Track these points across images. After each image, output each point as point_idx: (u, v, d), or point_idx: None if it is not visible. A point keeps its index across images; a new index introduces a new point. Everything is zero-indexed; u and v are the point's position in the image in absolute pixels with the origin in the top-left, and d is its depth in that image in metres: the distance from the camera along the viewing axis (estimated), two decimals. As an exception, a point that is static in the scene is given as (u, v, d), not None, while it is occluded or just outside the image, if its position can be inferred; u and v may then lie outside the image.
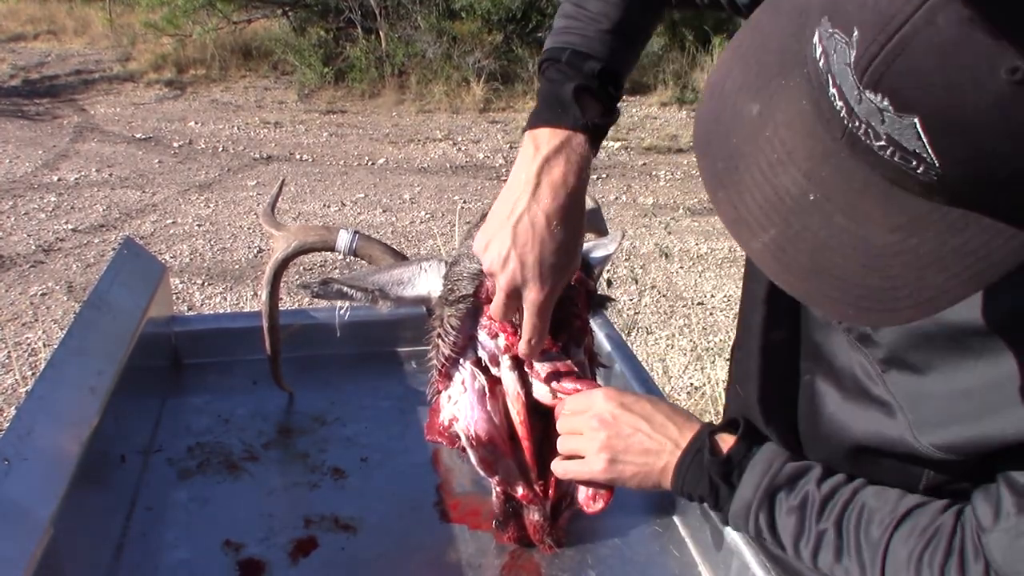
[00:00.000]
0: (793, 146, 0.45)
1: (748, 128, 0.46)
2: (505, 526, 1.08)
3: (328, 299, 1.12)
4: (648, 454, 0.89)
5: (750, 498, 0.83)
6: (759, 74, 0.48)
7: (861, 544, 0.77)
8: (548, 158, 0.86)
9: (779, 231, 0.45)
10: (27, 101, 7.84)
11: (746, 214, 0.46)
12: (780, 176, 0.44)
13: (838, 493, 0.80)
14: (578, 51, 0.90)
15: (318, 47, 8.46)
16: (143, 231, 4.83)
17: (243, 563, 1.04)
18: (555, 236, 0.86)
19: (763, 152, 0.45)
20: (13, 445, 0.89)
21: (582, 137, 0.87)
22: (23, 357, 3.37)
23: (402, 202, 5.55)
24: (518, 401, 1.01)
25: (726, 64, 0.51)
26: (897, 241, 0.43)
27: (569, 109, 0.87)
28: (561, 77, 0.89)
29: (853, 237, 0.43)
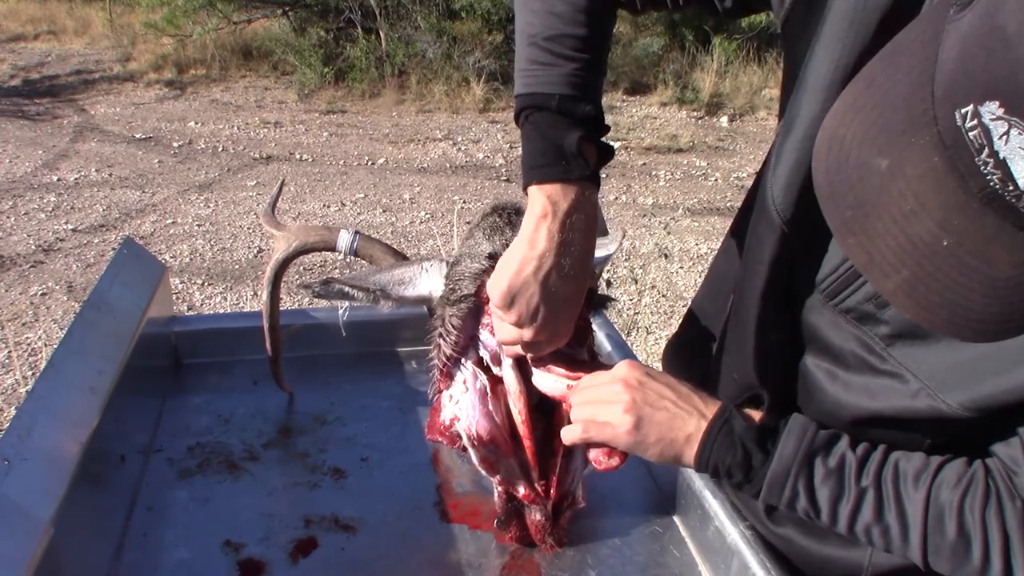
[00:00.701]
0: (925, 198, 0.50)
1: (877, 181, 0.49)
2: (507, 526, 1.08)
3: (329, 299, 1.12)
4: (675, 419, 0.89)
5: (790, 462, 0.84)
6: (883, 129, 0.52)
7: (902, 499, 0.79)
8: (568, 214, 0.89)
9: (912, 272, 0.50)
10: (27, 101, 7.84)
11: (879, 258, 0.51)
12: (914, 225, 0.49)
13: (872, 455, 0.83)
14: (566, 96, 0.90)
15: (318, 47, 8.46)
16: (143, 231, 4.83)
17: (243, 563, 1.04)
18: (579, 287, 0.92)
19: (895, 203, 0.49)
20: (13, 445, 0.89)
21: (592, 187, 0.91)
22: (23, 357, 3.37)
23: (402, 202, 5.55)
24: (520, 399, 1.01)
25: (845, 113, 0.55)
26: (1018, 275, 0.49)
27: (576, 161, 0.89)
28: (556, 126, 0.90)
29: (981, 275, 0.48)
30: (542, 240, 0.89)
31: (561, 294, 0.90)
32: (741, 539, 0.99)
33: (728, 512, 1.03)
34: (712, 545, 1.05)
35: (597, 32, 0.92)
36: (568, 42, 0.91)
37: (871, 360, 0.82)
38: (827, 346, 0.88)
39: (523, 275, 0.89)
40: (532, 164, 0.90)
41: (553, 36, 0.91)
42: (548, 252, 0.89)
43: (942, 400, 0.76)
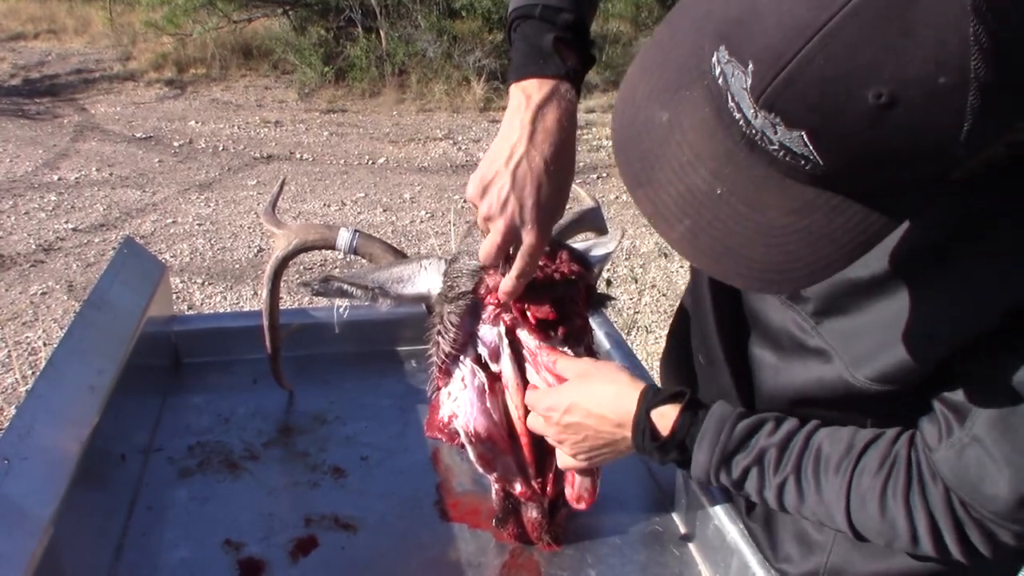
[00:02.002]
0: (700, 149, 0.52)
1: (659, 133, 0.52)
2: (504, 523, 1.08)
3: (328, 297, 1.12)
4: (609, 445, 0.93)
5: (707, 465, 0.85)
6: (664, 85, 0.55)
7: (822, 487, 0.80)
8: (540, 105, 0.90)
9: (693, 222, 0.52)
10: (27, 100, 7.84)
11: (663, 208, 0.53)
12: (690, 175, 0.50)
13: (793, 441, 0.82)
14: (549, 6, 0.94)
15: (318, 46, 8.45)
16: (143, 230, 4.83)
17: (243, 562, 1.04)
18: (552, 179, 0.90)
19: (674, 155, 0.51)
20: (13, 445, 0.89)
21: (568, 84, 0.92)
22: (23, 356, 3.37)
23: (402, 201, 5.55)
24: (518, 395, 1.01)
25: (635, 76, 0.58)
26: (792, 223, 0.51)
27: (552, 59, 0.92)
28: (538, 30, 0.93)
29: (756, 223, 0.50)
30: (515, 130, 0.90)
31: (530, 184, 0.89)
32: (741, 538, 0.99)
33: (728, 511, 1.03)
34: (712, 544, 1.05)
35: None
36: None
37: (802, 338, 0.83)
38: (767, 328, 0.89)
39: (495, 164, 0.90)
40: (513, 66, 0.93)
41: None
42: (520, 141, 0.90)
43: (851, 374, 0.76)
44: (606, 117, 7.52)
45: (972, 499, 0.70)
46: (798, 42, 0.44)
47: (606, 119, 7.46)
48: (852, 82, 0.44)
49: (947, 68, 0.42)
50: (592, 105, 7.84)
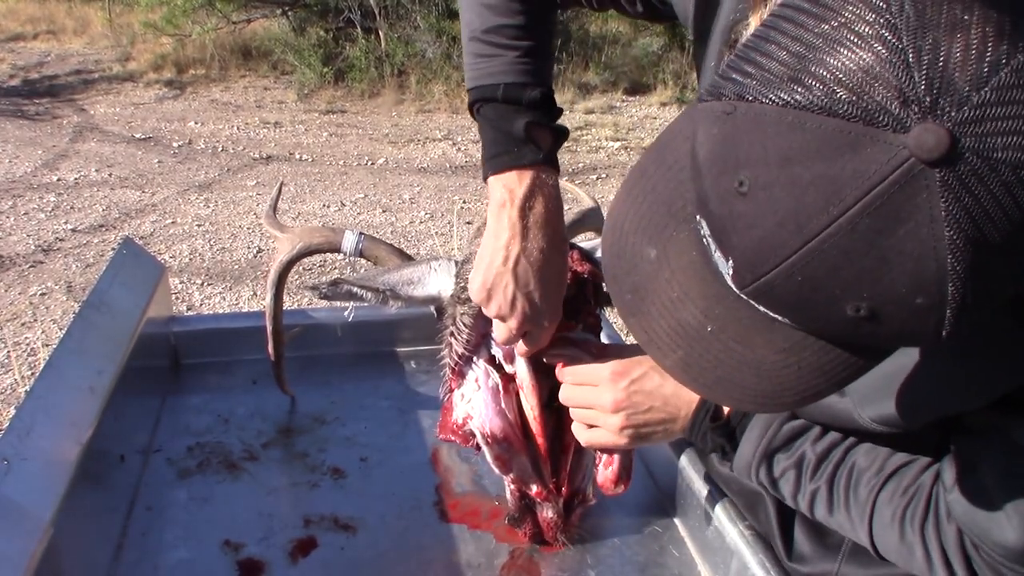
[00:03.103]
0: (689, 288, 0.52)
1: (648, 268, 0.52)
2: (520, 523, 1.08)
3: (338, 300, 1.12)
4: (666, 422, 0.93)
5: (749, 458, 0.88)
6: (651, 221, 0.55)
7: (850, 503, 0.81)
8: (525, 199, 0.91)
9: (685, 352, 0.52)
10: (27, 101, 7.83)
11: (656, 339, 0.54)
12: (681, 311, 0.51)
13: (832, 452, 0.84)
14: (511, 84, 0.92)
15: (318, 47, 8.45)
16: (143, 231, 4.82)
17: (243, 563, 1.04)
18: (552, 268, 0.93)
19: (664, 290, 0.52)
20: (13, 445, 0.89)
21: (547, 169, 0.92)
22: (22, 357, 3.36)
23: (402, 202, 5.55)
24: (533, 395, 1.02)
25: (623, 203, 0.57)
26: (782, 359, 0.51)
27: (526, 147, 0.91)
28: (504, 115, 0.92)
29: (747, 358, 0.50)
30: (505, 230, 0.91)
31: (534, 279, 0.91)
32: (740, 539, 0.99)
33: (728, 512, 1.03)
34: (712, 545, 1.05)
35: (534, 18, 0.94)
36: (506, 32, 0.93)
37: None
38: None
39: (494, 267, 0.91)
40: (486, 156, 0.93)
41: (492, 28, 0.93)
42: (512, 240, 0.91)
43: (858, 412, 0.77)
44: (605, 118, 7.53)
45: (983, 542, 0.70)
46: (774, 260, 0.45)
47: (605, 119, 7.46)
48: (830, 296, 0.44)
49: (924, 291, 0.42)
50: (591, 106, 7.84)
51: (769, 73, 0.44)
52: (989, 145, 0.39)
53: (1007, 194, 0.40)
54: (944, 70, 0.40)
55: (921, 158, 0.40)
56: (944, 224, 0.40)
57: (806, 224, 0.42)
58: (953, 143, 0.39)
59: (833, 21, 0.42)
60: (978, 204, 0.40)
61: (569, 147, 6.75)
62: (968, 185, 0.40)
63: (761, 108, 0.43)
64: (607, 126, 7.29)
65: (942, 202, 0.40)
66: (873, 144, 0.40)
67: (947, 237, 0.40)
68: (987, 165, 0.40)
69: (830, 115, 0.41)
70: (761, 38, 0.46)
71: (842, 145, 0.41)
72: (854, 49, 0.41)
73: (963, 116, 0.39)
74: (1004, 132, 0.39)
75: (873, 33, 0.41)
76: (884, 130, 0.40)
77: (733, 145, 0.45)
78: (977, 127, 0.39)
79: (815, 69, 0.42)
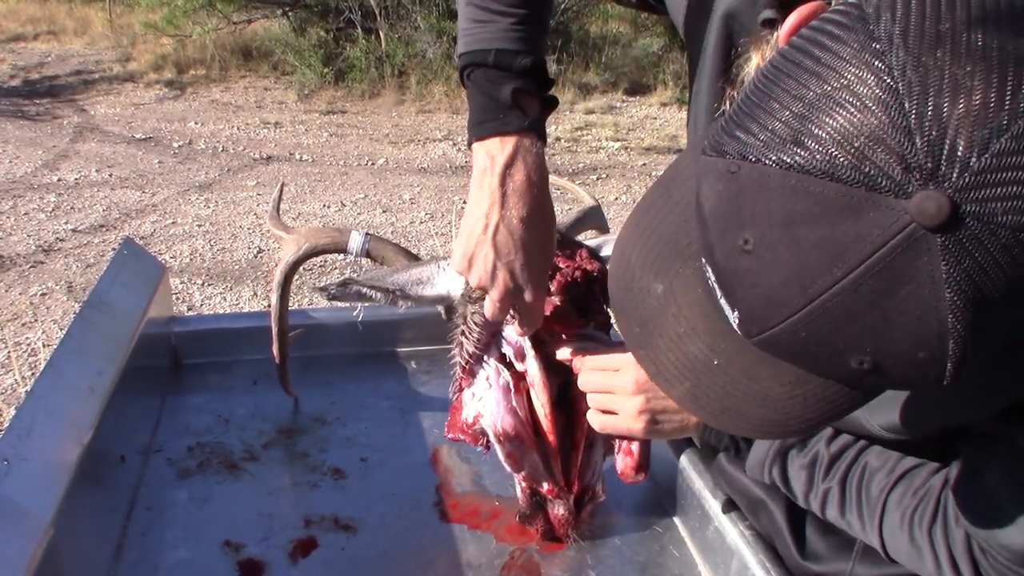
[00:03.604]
0: (696, 323, 0.53)
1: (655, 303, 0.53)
2: (532, 520, 1.08)
3: (346, 300, 1.12)
4: (683, 413, 0.93)
5: (763, 456, 0.88)
6: (658, 256, 0.55)
7: (862, 503, 0.82)
8: (506, 167, 0.89)
9: (692, 384, 0.53)
10: (27, 101, 7.83)
11: (664, 371, 0.55)
12: (688, 345, 0.52)
13: (845, 453, 0.84)
14: (503, 50, 0.91)
15: (318, 47, 8.45)
16: (143, 231, 4.82)
17: (243, 563, 1.04)
18: (533, 237, 0.90)
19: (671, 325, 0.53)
20: (13, 445, 0.89)
21: (531, 137, 0.90)
22: (23, 357, 3.36)
23: (402, 202, 5.55)
24: (544, 392, 1.02)
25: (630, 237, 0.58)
26: (787, 391, 0.52)
27: (512, 113, 0.89)
28: (493, 81, 0.91)
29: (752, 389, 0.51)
30: (485, 198, 0.89)
31: (514, 248, 0.89)
32: (741, 539, 0.99)
33: (727, 512, 1.03)
34: (712, 545, 1.05)
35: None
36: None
37: None
38: None
39: (474, 236, 0.90)
40: (472, 122, 0.91)
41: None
42: (492, 208, 0.89)
43: (867, 418, 0.78)
44: (605, 118, 7.53)
45: (989, 546, 0.71)
46: (778, 317, 0.46)
47: (605, 120, 7.46)
48: (834, 350, 0.45)
49: (926, 347, 0.43)
50: (592, 106, 7.84)
51: (772, 133, 0.44)
52: (989, 210, 0.40)
53: (1007, 255, 0.41)
54: (945, 136, 0.40)
55: (923, 224, 0.40)
56: (945, 285, 0.41)
57: (810, 284, 0.43)
58: (954, 210, 0.40)
59: (835, 82, 0.43)
60: (978, 266, 0.41)
61: (569, 147, 6.75)
62: (968, 249, 0.40)
63: (764, 169, 0.44)
64: (607, 126, 7.29)
65: (943, 264, 0.41)
66: (875, 209, 0.41)
67: (948, 298, 0.41)
68: (987, 229, 0.40)
69: (832, 179, 0.42)
70: (763, 93, 0.46)
71: (845, 209, 0.41)
72: (855, 112, 0.42)
73: (964, 182, 0.40)
74: (1004, 197, 0.40)
75: (874, 96, 0.41)
76: (886, 195, 0.41)
77: (738, 204, 0.46)
78: (977, 193, 0.40)
79: (816, 131, 0.42)
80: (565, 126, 7.22)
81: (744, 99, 0.48)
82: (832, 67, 0.43)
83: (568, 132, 7.09)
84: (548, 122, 0.97)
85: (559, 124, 7.23)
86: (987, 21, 0.41)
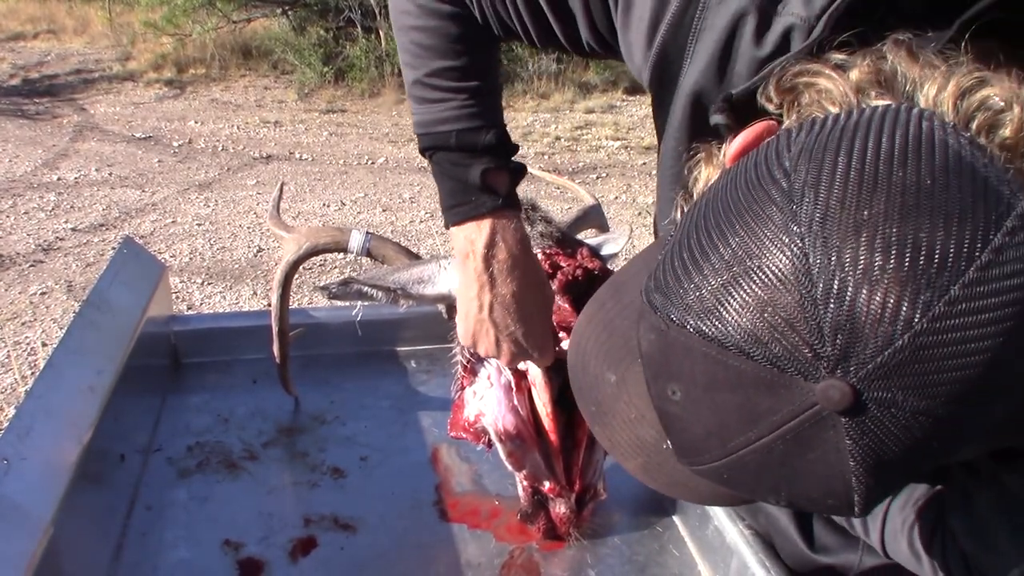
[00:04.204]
0: (645, 412, 0.55)
1: (609, 390, 0.56)
2: (534, 519, 1.09)
3: (347, 299, 1.13)
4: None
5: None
6: (611, 349, 0.58)
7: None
8: (487, 248, 0.91)
9: (645, 460, 0.56)
10: (27, 100, 7.83)
11: (618, 447, 0.58)
12: (639, 429, 0.54)
13: None
14: (464, 130, 0.90)
15: (318, 46, 8.45)
16: (143, 230, 4.82)
17: (243, 562, 1.04)
18: (529, 307, 0.94)
19: (623, 411, 0.55)
20: (13, 445, 0.89)
21: (507, 214, 0.92)
22: (22, 356, 3.36)
23: (402, 201, 5.55)
24: (545, 391, 1.02)
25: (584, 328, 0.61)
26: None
27: (483, 195, 0.90)
28: (458, 163, 0.91)
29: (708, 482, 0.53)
30: (473, 282, 0.93)
31: (513, 321, 0.93)
32: (740, 538, 0.99)
33: (727, 512, 1.03)
34: (711, 544, 1.05)
35: (476, 57, 0.90)
36: (451, 74, 0.89)
37: None
38: None
39: (471, 317, 0.94)
40: (445, 206, 0.93)
41: (434, 71, 0.89)
42: (483, 290, 0.92)
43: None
44: (605, 117, 7.53)
45: (985, 568, 0.72)
46: (702, 460, 0.49)
47: (605, 119, 7.46)
48: (754, 489, 0.50)
49: (833, 496, 0.47)
50: (591, 105, 7.84)
51: (695, 300, 0.46)
52: (890, 398, 0.43)
53: (905, 432, 0.43)
54: (855, 327, 0.42)
55: (827, 408, 0.43)
56: (848, 455, 0.44)
57: (728, 441, 0.47)
58: (857, 397, 0.43)
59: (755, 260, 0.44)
60: (878, 441, 0.44)
61: (569, 146, 6.75)
62: (870, 428, 0.43)
63: (687, 336, 0.46)
64: (607, 125, 7.29)
65: (847, 439, 0.44)
66: (786, 388, 0.44)
67: (851, 466, 0.45)
68: (888, 414, 0.43)
69: (747, 357, 0.44)
70: (692, 254, 0.48)
71: (760, 384, 0.44)
72: (771, 293, 0.43)
73: (867, 372, 0.42)
74: (905, 387, 0.42)
75: (789, 280, 0.43)
76: (795, 377, 0.43)
77: (666, 358, 0.49)
78: (881, 383, 0.42)
79: (734, 306, 0.45)
80: (565, 125, 7.22)
81: (676, 251, 0.50)
82: (755, 242, 0.45)
83: (568, 131, 7.08)
84: (548, 122, 0.97)
85: (559, 123, 7.23)
86: (907, 212, 0.42)
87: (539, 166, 5.99)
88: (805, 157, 0.46)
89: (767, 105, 0.58)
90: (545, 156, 6.43)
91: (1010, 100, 0.50)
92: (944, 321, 0.41)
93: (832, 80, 0.54)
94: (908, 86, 0.52)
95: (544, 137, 6.83)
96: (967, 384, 0.42)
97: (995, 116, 0.49)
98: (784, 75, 0.57)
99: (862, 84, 0.53)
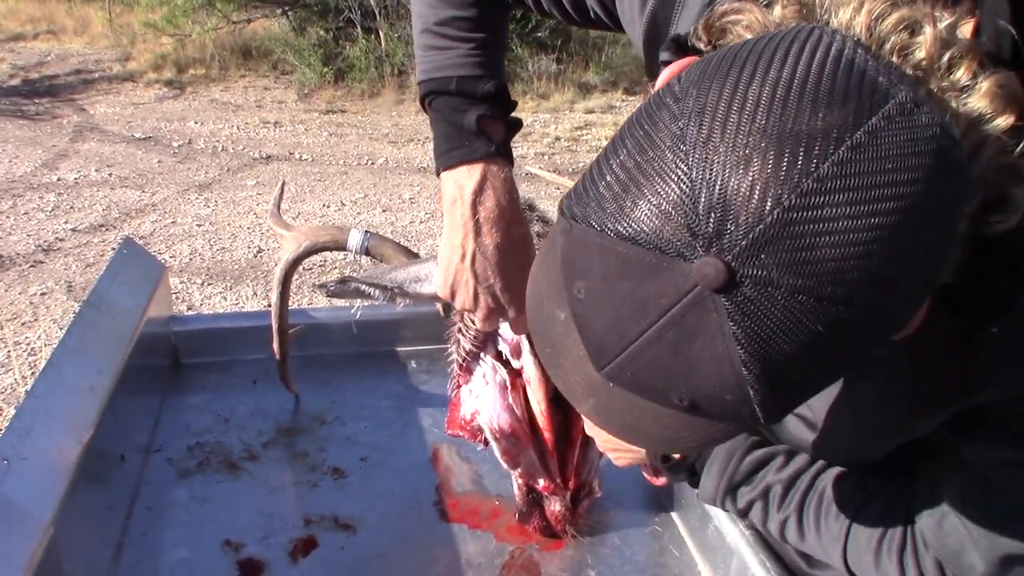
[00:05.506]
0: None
1: (559, 328, 0.57)
2: (529, 517, 1.09)
3: (345, 298, 1.12)
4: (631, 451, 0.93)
5: (713, 492, 0.88)
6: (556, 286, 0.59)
7: (821, 529, 0.82)
8: (476, 194, 0.91)
9: (595, 400, 0.57)
10: (27, 101, 7.83)
11: (571, 388, 0.59)
12: (586, 367, 0.55)
13: (799, 481, 0.85)
14: (465, 76, 0.91)
15: (318, 47, 8.45)
16: (143, 231, 4.82)
17: (243, 562, 1.04)
18: (510, 261, 0.93)
19: (571, 350, 0.56)
20: (13, 445, 0.89)
21: (499, 162, 0.92)
22: (23, 357, 3.36)
23: (402, 202, 5.55)
24: (540, 389, 1.02)
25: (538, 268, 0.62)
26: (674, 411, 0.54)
27: (477, 140, 0.91)
28: (457, 108, 0.92)
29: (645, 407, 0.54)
30: (458, 228, 0.91)
31: (493, 274, 0.92)
32: (740, 538, 0.99)
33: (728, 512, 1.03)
34: (711, 544, 1.05)
35: (486, 11, 0.93)
36: (460, 24, 0.92)
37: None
38: None
39: (453, 264, 0.92)
40: (438, 151, 0.93)
41: (444, 20, 0.92)
42: (467, 238, 0.91)
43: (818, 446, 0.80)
44: (605, 117, 7.53)
45: (955, 568, 0.72)
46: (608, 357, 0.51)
47: (605, 119, 7.46)
48: (656, 389, 0.50)
49: (729, 391, 0.47)
50: (591, 105, 7.84)
51: (591, 198, 0.49)
52: (765, 276, 0.44)
53: (787, 314, 0.44)
54: (728, 205, 0.44)
55: (704, 286, 0.44)
56: (734, 339, 0.45)
57: (625, 333, 0.49)
58: (731, 274, 0.44)
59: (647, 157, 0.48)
60: (760, 325, 0.45)
61: (569, 147, 6.75)
62: (750, 309, 0.44)
63: (584, 230, 0.49)
64: (607, 126, 7.29)
65: (730, 322, 0.45)
66: (668, 271, 0.46)
67: (738, 352, 0.46)
68: (764, 292, 0.44)
69: (633, 242, 0.46)
70: (603, 158, 0.51)
71: (646, 269, 0.46)
72: (658, 184, 0.46)
73: (741, 248, 0.44)
74: (779, 264, 0.43)
75: (672, 172, 0.46)
76: (675, 259, 0.45)
77: (571, 257, 0.51)
78: (755, 258, 0.44)
79: (627, 201, 0.47)
80: (565, 125, 7.22)
81: (591, 166, 0.52)
82: (646, 142, 0.48)
83: (568, 131, 7.08)
84: (547, 122, 0.98)
85: (559, 124, 7.23)
86: (783, 103, 0.45)
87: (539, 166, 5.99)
88: (696, 66, 0.50)
89: (697, 44, 0.60)
90: (545, 156, 6.43)
91: (921, 20, 0.51)
92: (814, 197, 0.43)
93: (755, 15, 0.55)
94: (824, 14, 0.53)
95: (544, 137, 6.83)
96: (843, 263, 0.43)
97: (909, 38, 0.50)
98: (712, 15, 0.58)
99: (785, 18, 0.54)
